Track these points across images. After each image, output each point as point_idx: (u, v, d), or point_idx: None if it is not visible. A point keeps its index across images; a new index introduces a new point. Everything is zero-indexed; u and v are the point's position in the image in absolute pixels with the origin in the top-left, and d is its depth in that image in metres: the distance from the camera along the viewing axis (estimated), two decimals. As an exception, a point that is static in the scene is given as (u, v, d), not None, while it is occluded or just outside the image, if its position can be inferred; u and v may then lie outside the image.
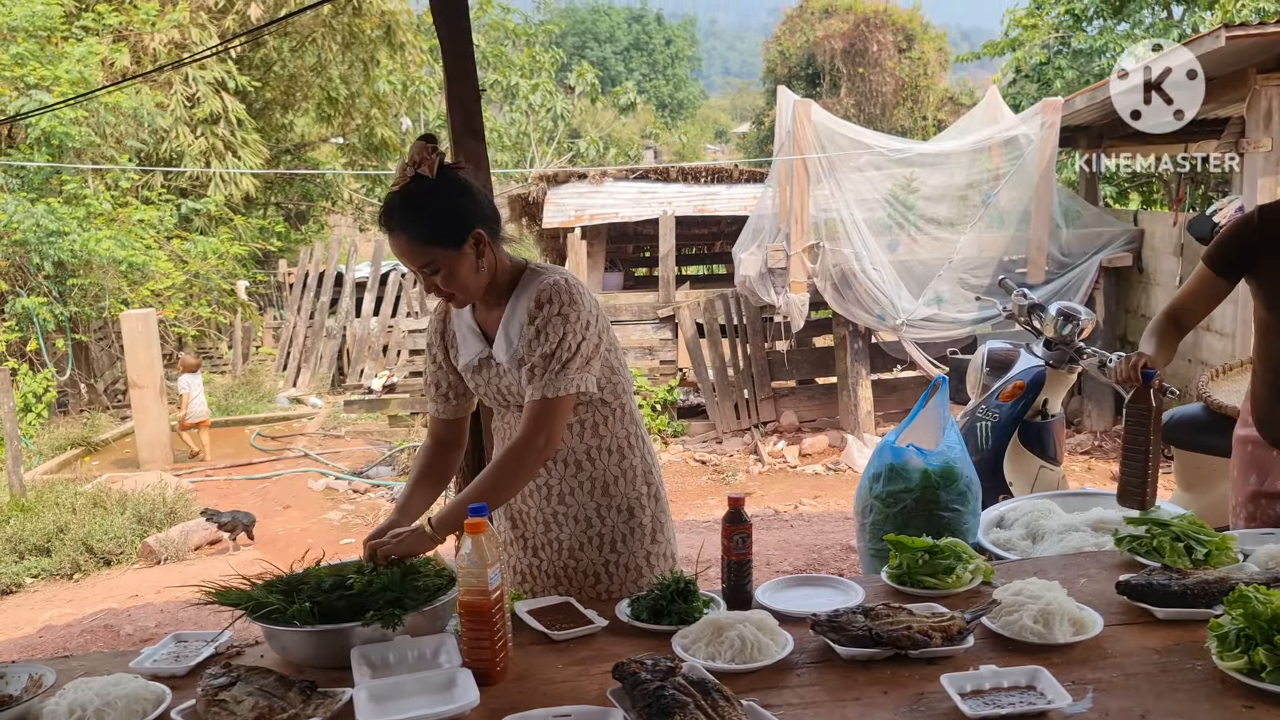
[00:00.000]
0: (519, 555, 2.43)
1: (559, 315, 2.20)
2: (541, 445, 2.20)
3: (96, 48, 12.57)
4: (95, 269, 11.50)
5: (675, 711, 1.59)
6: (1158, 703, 1.67)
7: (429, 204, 2.15)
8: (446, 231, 2.15)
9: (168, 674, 1.94)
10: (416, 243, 2.14)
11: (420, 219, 2.14)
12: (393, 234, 2.16)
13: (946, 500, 2.82)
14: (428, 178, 2.15)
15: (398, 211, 2.15)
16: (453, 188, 2.18)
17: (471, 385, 2.38)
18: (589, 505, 2.36)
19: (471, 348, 2.35)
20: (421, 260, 2.15)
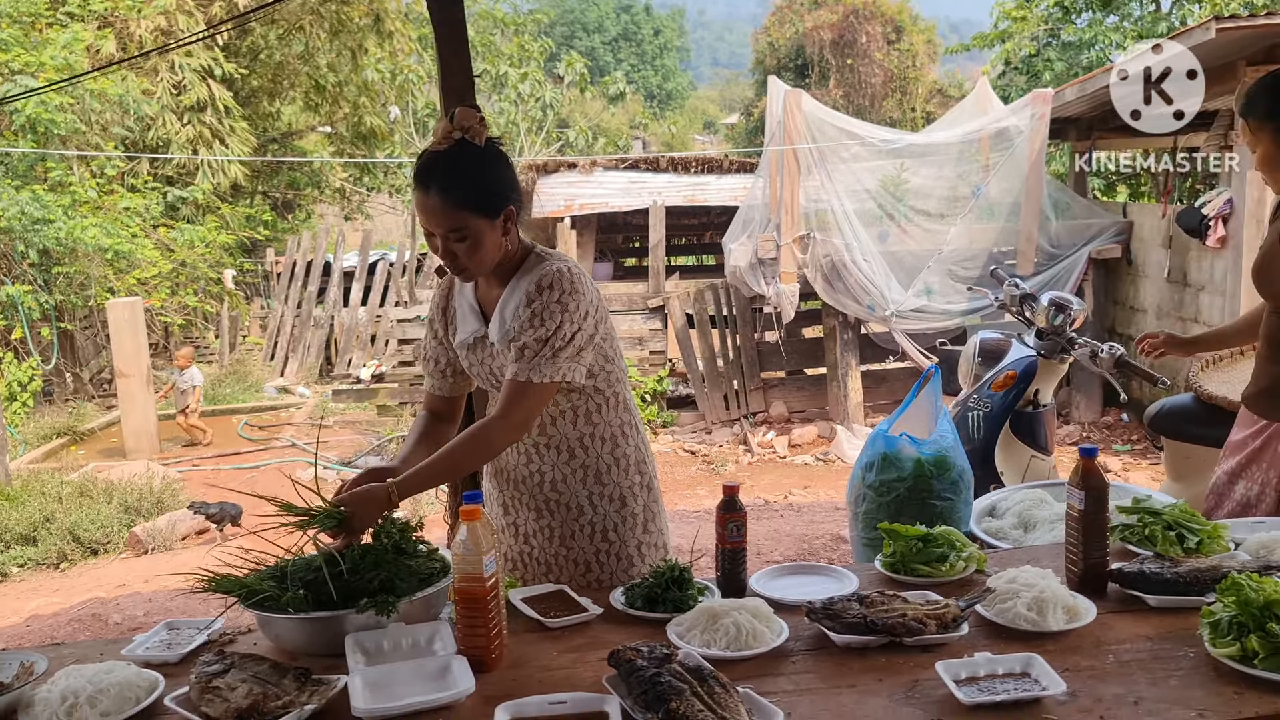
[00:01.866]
0: (510, 542, 2.41)
1: (558, 302, 2.18)
2: (514, 425, 2.18)
3: (82, 34, 12.46)
4: (81, 257, 11.43)
5: (671, 698, 1.59)
6: (1151, 690, 1.68)
7: (474, 169, 2.13)
8: (485, 201, 2.13)
9: (160, 661, 1.93)
10: (453, 206, 2.11)
11: (462, 183, 2.11)
12: (427, 192, 2.11)
13: (939, 489, 2.83)
14: (472, 143, 2.13)
15: (440, 170, 2.12)
16: (500, 159, 2.18)
17: (466, 364, 2.37)
18: (580, 493, 2.34)
19: (469, 325, 2.33)
20: (451, 224, 2.12)
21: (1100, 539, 2.08)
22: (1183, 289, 7.99)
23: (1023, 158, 8.54)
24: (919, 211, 8.82)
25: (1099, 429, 8.56)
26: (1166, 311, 8.25)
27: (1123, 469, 7.50)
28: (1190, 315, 7.90)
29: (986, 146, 8.88)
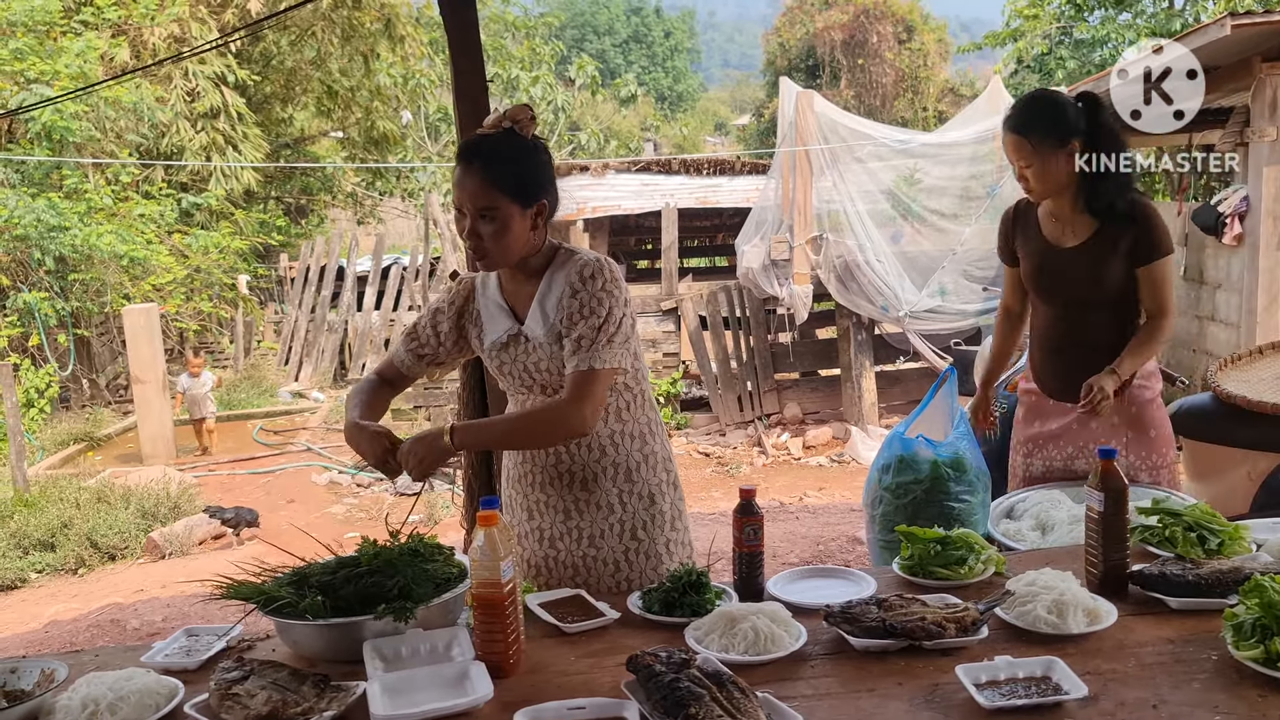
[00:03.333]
0: (534, 548, 2.40)
1: (604, 290, 2.22)
2: (585, 415, 2.20)
3: (95, 42, 12.54)
4: (96, 264, 11.49)
5: (691, 703, 1.58)
6: (1173, 693, 1.67)
7: (514, 155, 2.19)
8: (519, 187, 2.18)
9: (179, 668, 1.93)
10: (489, 184, 2.15)
11: (503, 164, 2.16)
12: (468, 168, 2.16)
13: (956, 491, 2.82)
14: (518, 133, 2.19)
15: (484, 148, 2.18)
16: (542, 153, 2.24)
17: (494, 365, 2.36)
18: (611, 491, 2.34)
19: (500, 324, 2.33)
20: (484, 202, 2.16)
21: (1120, 540, 2.06)
22: (1199, 286, 7.94)
23: (1036, 156, 8.49)
24: (932, 211, 8.79)
25: (1115, 428, 8.51)
26: (1183, 310, 8.20)
27: (1140, 469, 7.45)
28: (1206, 313, 7.85)
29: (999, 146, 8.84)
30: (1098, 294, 2.95)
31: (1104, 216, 2.92)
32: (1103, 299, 2.95)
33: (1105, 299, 2.95)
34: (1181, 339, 8.24)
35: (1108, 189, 2.91)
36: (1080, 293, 2.96)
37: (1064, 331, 3.03)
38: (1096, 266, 2.92)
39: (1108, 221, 2.91)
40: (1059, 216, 2.99)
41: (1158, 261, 2.93)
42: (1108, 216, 2.91)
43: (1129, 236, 2.90)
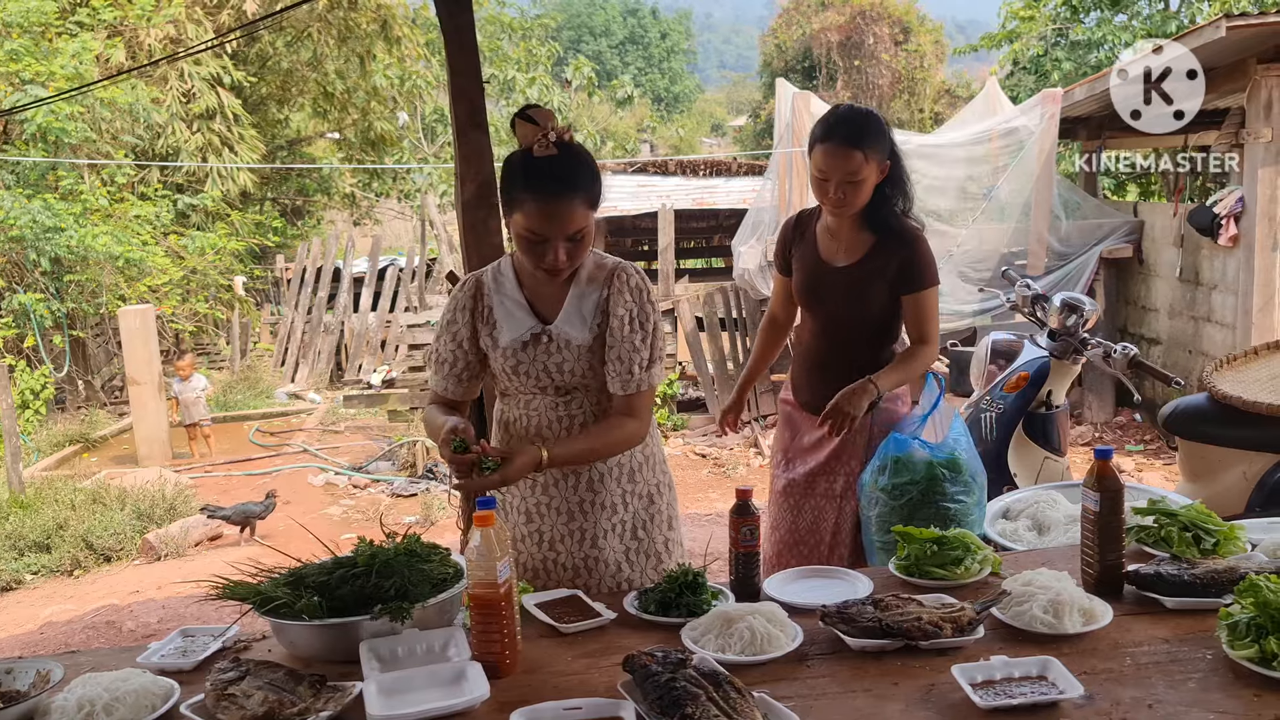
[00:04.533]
0: (533, 551, 2.39)
1: (650, 304, 2.31)
2: (645, 432, 2.35)
3: (91, 43, 12.51)
4: (92, 265, 11.46)
5: (687, 703, 1.58)
6: (1169, 692, 1.67)
7: (591, 168, 2.18)
8: (598, 197, 2.19)
9: (175, 669, 1.94)
10: (586, 207, 2.15)
11: (586, 183, 2.16)
12: (561, 196, 2.11)
13: (952, 492, 2.82)
14: (574, 143, 2.17)
15: (579, 172, 2.14)
16: (591, 157, 2.24)
17: (508, 364, 2.31)
18: (615, 491, 2.36)
19: (520, 323, 2.30)
20: (580, 225, 2.15)
21: (1116, 541, 2.07)
22: (1195, 288, 7.96)
23: (1033, 158, 8.51)
24: (928, 213, 8.76)
25: (1112, 429, 8.52)
26: (1179, 311, 8.21)
27: (1136, 469, 7.46)
28: (1203, 314, 7.86)
29: (996, 147, 8.85)
30: (861, 314, 2.98)
31: (882, 236, 2.93)
32: (865, 320, 2.99)
33: (868, 320, 2.99)
34: (1178, 340, 8.26)
35: (892, 210, 2.94)
36: (845, 311, 2.99)
37: (826, 348, 3.06)
38: (863, 287, 2.95)
39: (883, 243, 2.93)
40: (836, 234, 3.00)
41: (923, 291, 2.96)
42: (885, 237, 2.93)
43: (897, 261, 2.92)
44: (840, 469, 3.08)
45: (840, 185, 2.81)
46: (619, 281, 2.28)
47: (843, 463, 3.07)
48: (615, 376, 2.28)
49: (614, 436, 2.29)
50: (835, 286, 2.97)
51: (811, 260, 3.02)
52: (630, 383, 2.28)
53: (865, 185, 2.82)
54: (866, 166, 2.79)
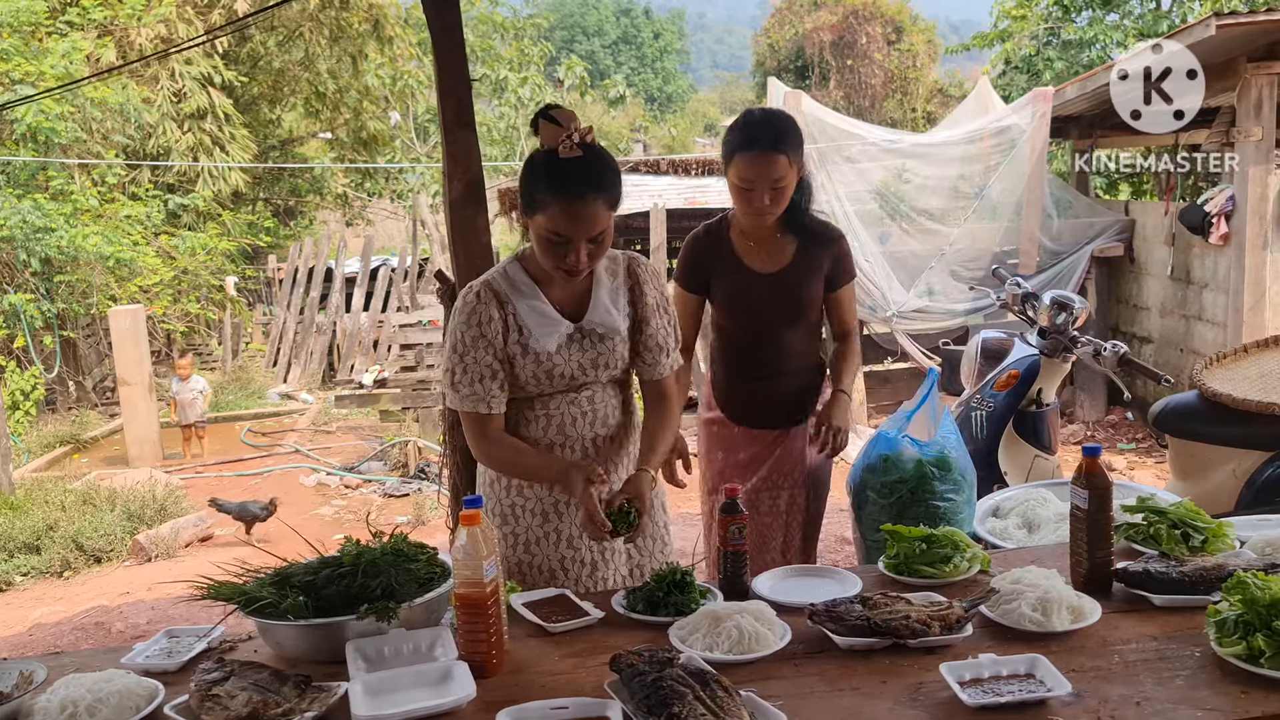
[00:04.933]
0: (549, 551, 2.36)
1: (665, 287, 2.39)
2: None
3: (81, 43, 12.47)
4: (82, 265, 11.42)
5: (674, 702, 1.58)
6: (1157, 690, 1.67)
7: (614, 170, 2.19)
8: (619, 198, 2.21)
9: (160, 670, 1.93)
10: (608, 208, 2.16)
11: (610, 185, 2.16)
12: (585, 198, 2.12)
13: (941, 490, 2.82)
14: (596, 145, 2.18)
15: (597, 176, 2.14)
16: (613, 158, 2.24)
17: (542, 369, 2.26)
18: (624, 477, 2.37)
19: (555, 327, 2.27)
20: (603, 227, 2.16)
21: (1105, 538, 2.07)
22: (1186, 286, 7.97)
23: (1024, 157, 8.52)
24: (920, 212, 8.79)
25: (1103, 428, 8.54)
26: (1170, 309, 8.23)
27: (1127, 468, 7.47)
28: (1194, 313, 7.88)
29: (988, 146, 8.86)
30: (797, 317, 2.92)
31: (804, 238, 2.88)
32: (801, 323, 2.94)
33: (803, 323, 2.95)
34: (1169, 338, 8.28)
35: (806, 211, 2.89)
36: (784, 317, 2.91)
37: (763, 359, 2.97)
38: (800, 290, 2.90)
39: (806, 244, 2.89)
40: (758, 241, 2.90)
41: (849, 285, 2.98)
42: (807, 238, 2.88)
43: (829, 258, 2.91)
44: (784, 482, 3.02)
45: (766, 192, 2.71)
46: (640, 270, 2.36)
47: (785, 474, 3.02)
48: (651, 363, 2.37)
49: (674, 420, 2.43)
50: (767, 293, 2.88)
51: (737, 272, 2.90)
52: (664, 366, 2.39)
53: (789, 189, 2.74)
54: (790, 171, 2.72)
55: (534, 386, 2.29)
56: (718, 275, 2.91)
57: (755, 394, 2.99)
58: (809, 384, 3.02)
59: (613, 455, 2.37)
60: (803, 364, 2.97)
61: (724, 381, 3.05)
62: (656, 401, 2.42)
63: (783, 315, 2.91)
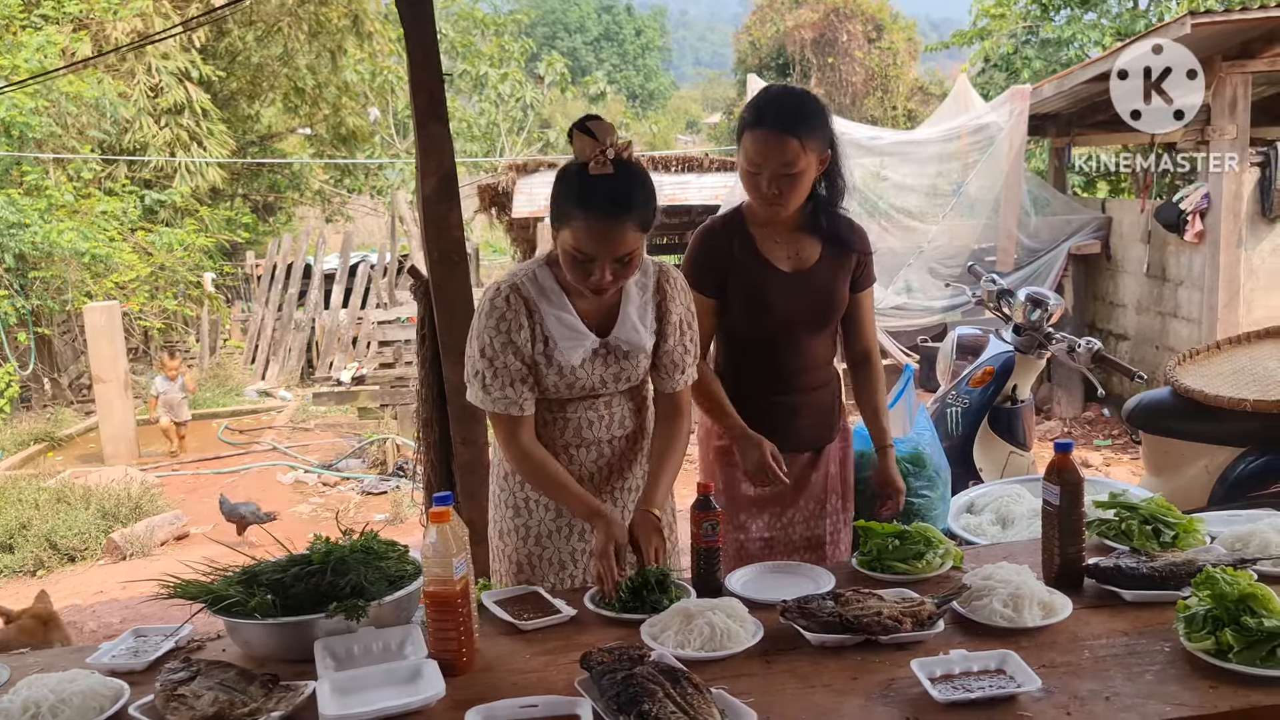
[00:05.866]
0: (561, 544, 2.35)
1: (690, 298, 2.36)
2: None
3: (55, 37, 12.34)
4: (57, 261, 11.31)
5: (643, 700, 1.57)
6: (1126, 685, 1.68)
7: (646, 190, 2.11)
8: (651, 219, 2.13)
9: (126, 670, 1.91)
10: (638, 230, 2.09)
11: (641, 206, 2.09)
12: (614, 218, 2.04)
13: (916, 486, 2.82)
14: (631, 162, 2.09)
15: (634, 194, 2.07)
16: (649, 178, 2.16)
17: (563, 380, 2.23)
18: (637, 476, 2.40)
19: (581, 340, 2.23)
20: (630, 248, 2.09)
21: (1076, 534, 2.07)
22: (1161, 284, 8.03)
23: (1002, 155, 8.55)
24: (898, 210, 8.81)
25: (1080, 424, 8.59)
26: (1146, 306, 8.28)
27: (1104, 463, 7.52)
28: (1169, 310, 7.93)
29: (966, 144, 8.89)
30: (825, 322, 2.61)
31: (829, 239, 2.57)
32: (828, 328, 2.63)
33: (830, 328, 2.64)
34: (1145, 335, 8.33)
35: (834, 214, 2.56)
36: (810, 321, 2.57)
37: (785, 371, 2.59)
38: (829, 292, 2.58)
39: (832, 246, 2.57)
40: (778, 238, 2.55)
41: (869, 290, 2.68)
42: (830, 238, 2.56)
43: (852, 258, 2.60)
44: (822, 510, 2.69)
45: (774, 178, 2.38)
46: (670, 285, 2.31)
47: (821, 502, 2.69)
48: (667, 377, 2.34)
49: (683, 447, 2.38)
50: (792, 294, 2.53)
51: (760, 270, 2.53)
52: (680, 381, 2.35)
53: (803, 179, 2.39)
54: (804, 157, 2.37)
55: (554, 394, 2.27)
56: (734, 273, 2.53)
57: (779, 410, 2.59)
58: (834, 399, 2.71)
59: (630, 457, 2.39)
60: (827, 376, 2.67)
61: (739, 398, 2.60)
62: (667, 419, 2.36)
63: (809, 319, 2.57)
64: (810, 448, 2.66)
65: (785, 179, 2.38)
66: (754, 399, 2.58)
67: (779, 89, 2.52)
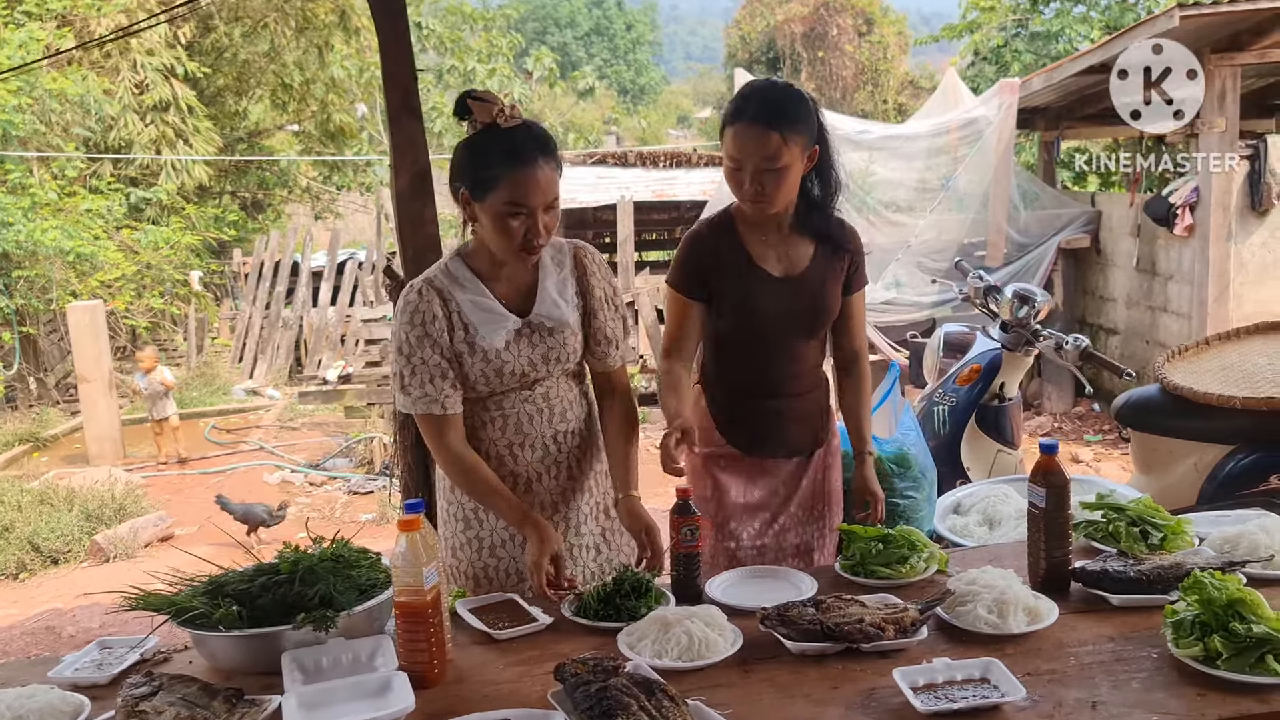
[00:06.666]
0: (515, 553, 2.28)
1: (614, 277, 2.35)
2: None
3: (38, 33, 12.24)
4: (41, 260, 11.23)
5: (617, 714, 1.53)
6: (1112, 693, 1.64)
7: (553, 137, 2.19)
8: (561, 166, 2.17)
9: (90, 683, 1.85)
10: (558, 174, 2.13)
11: (554, 150, 2.15)
12: (537, 162, 2.08)
13: (901, 487, 2.78)
14: (538, 124, 2.19)
15: (547, 139, 2.14)
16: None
17: (491, 367, 2.19)
18: (588, 473, 2.36)
19: (500, 322, 2.20)
20: (555, 193, 2.12)
21: (1062, 537, 2.03)
22: (1151, 278, 8.00)
23: (991, 148, 8.52)
24: (886, 205, 8.78)
25: (1070, 420, 8.57)
26: (1135, 301, 8.26)
27: (1094, 460, 7.50)
28: (1159, 304, 7.91)
29: (955, 138, 8.85)
30: (816, 329, 2.51)
31: (822, 241, 2.46)
32: (819, 333, 2.54)
33: (821, 333, 2.54)
34: (1134, 330, 8.31)
35: (825, 214, 2.46)
36: (800, 327, 2.48)
37: (774, 375, 2.51)
38: (821, 297, 2.47)
39: (824, 248, 2.46)
40: (768, 240, 2.44)
41: (860, 292, 2.57)
42: (825, 241, 2.46)
43: (846, 260, 2.50)
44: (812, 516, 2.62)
45: (757, 174, 2.28)
46: (587, 260, 2.32)
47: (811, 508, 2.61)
48: (600, 355, 2.32)
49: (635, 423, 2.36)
50: (784, 299, 2.44)
51: (744, 270, 2.43)
52: (616, 357, 2.34)
53: (788, 175, 2.29)
54: (787, 151, 2.26)
55: (484, 385, 2.21)
56: (722, 277, 2.42)
57: (768, 415, 2.52)
58: (823, 403, 2.61)
59: (578, 454, 2.32)
60: (816, 380, 2.57)
61: (726, 404, 2.54)
62: (610, 399, 2.36)
63: (799, 325, 2.47)
64: (799, 453, 2.58)
65: (768, 175, 2.28)
66: (741, 403, 2.53)
67: (762, 82, 2.42)
